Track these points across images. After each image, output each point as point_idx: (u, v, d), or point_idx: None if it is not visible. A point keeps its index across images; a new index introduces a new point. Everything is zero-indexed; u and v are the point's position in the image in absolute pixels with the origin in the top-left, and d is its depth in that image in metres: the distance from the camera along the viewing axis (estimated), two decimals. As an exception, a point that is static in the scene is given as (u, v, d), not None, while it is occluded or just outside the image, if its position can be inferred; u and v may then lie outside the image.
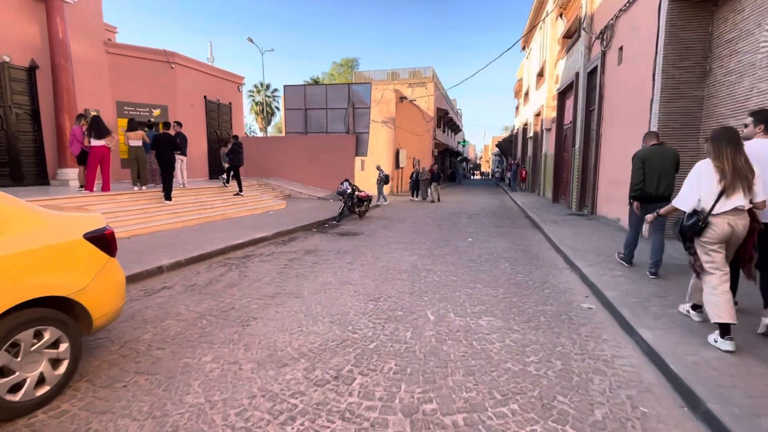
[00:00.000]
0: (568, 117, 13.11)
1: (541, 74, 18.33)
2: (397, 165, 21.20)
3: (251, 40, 26.67)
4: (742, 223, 2.98)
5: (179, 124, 9.84)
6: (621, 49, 8.52)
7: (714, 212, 2.98)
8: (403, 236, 8.35)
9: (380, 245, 7.36)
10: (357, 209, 11.05)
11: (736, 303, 3.28)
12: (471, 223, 10.34)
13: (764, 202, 2.98)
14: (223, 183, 11.77)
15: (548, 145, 16.74)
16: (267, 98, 47.54)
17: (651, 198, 4.71)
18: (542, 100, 17.39)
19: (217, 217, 9.45)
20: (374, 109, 20.13)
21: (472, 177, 69.92)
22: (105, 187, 8.52)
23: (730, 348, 2.87)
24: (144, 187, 9.44)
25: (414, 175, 17.90)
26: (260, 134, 46.68)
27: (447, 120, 38.39)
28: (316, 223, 9.81)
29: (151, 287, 4.78)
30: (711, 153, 3.07)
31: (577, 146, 11.48)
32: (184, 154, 10.32)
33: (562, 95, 13.92)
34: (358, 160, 17.97)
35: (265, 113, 46.21)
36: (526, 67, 24.64)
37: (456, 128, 46.42)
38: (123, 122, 12.73)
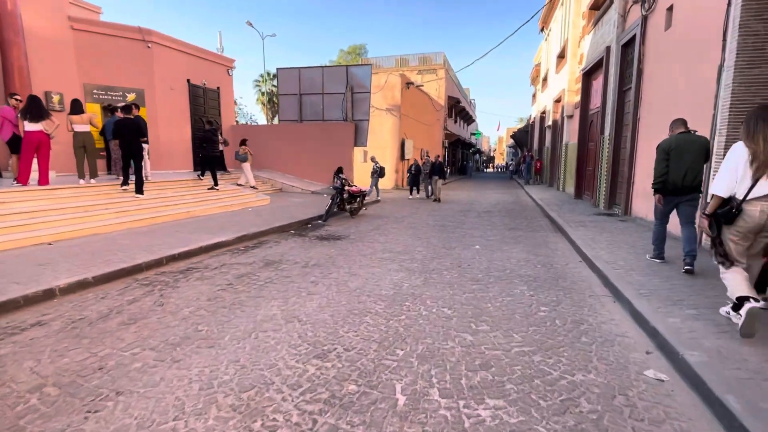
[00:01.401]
0: (595, 101, 11.36)
1: (562, 56, 16.47)
2: (402, 156, 19.64)
3: (250, 24, 25.25)
4: None
5: (136, 106, 8.46)
6: (670, 9, 6.80)
7: (747, 198, 2.81)
8: (395, 241, 6.84)
9: (363, 254, 5.88)
10: (348, 206, 9.57)
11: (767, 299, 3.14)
12: (480, 224, 8.77)
13: None
14: (198, 176, 10.39)
15: (570, 134, 14.96)
16: (274, 87, 46.18)
17: (677, 190, 4.46)
18: (563, 84, 15.58)
19: (180, 215, 8.07)
20: (377, 95, 18.59)
21: (485, 170, 67.74)
22: (42, 180, 7.19)
23: (738, 321, 2.82)
24: (93, 180, 8.10)
25: (412, 168, 15.09)
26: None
27: (459, 109, 36.52)
28: (297, 223, 8.37)
29: (18, 322, 3.39)
30: (743, 133, 2.90)
31: (606, 134, 9.77)
32: (147, 142, 8.95)
33: (588, 76, 12.14)
34: (359, 151, 16.48)
35: (273, 103, 44.89)
36: (545, 50, 22.69)
37: (469, 119, 44.46)
38: (93, 107, 11.46)
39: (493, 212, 10.90)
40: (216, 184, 10.11)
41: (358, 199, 9.98)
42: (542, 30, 22.96)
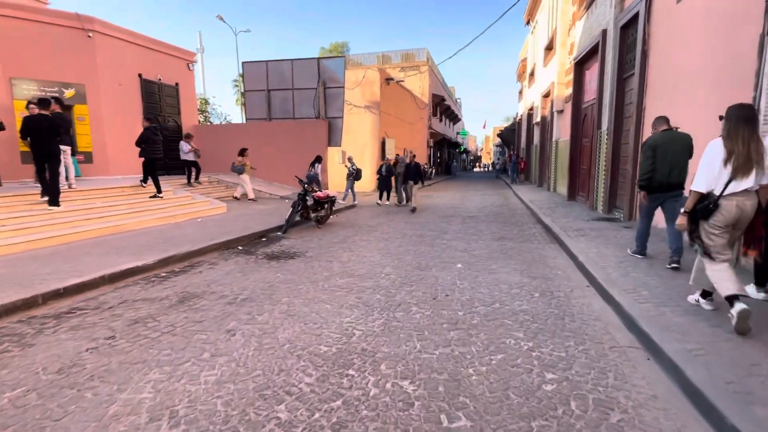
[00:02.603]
0: (589, 92, 10.30)
1: (550, 47, 15.46)
2: (383, 156, 18.40)
3: (221, 18, 23.80)
4: (750, 204, 2.90)
5: (57, 100, 7.09)
6: (683, -24, 5.71)
7: (724, 194, 2.89)
8: (360, 259, 5.61)
9: (315, 281, 4.63)
10: (314, 215, 8.30)
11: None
12: (464, 233, 7.59)
13: None
14: (140, 182, 9.02)
15: (560, 131, 13.92)
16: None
17: (663, 187, 4.49)
18: (552, 77, 14.53)
19: (105, 231, 6.72)
20: (355, 91, 17.38)
21: (472, 169, 66.90)
22: None
23: (710, 307, 3.18)
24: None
25: (382, 169, 12.61)
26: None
27: (444, 108, 35.49)
28: (249, 236, 7.09)
29: None
30: (724, 132, 2.95)
31: (604, 128, 8.69)
32: (68, 143, 7.58)
33: (580, 66, 11.08)
34: (335, 151, 15.23)
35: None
36: (531, 44, 21.71)
37: (455, 118, 43.51)
38: (21, 104, 9.99)
39: (479, 217, 9.74)
40: (159, 191, 8.75)
41: (326, 205, 8.72)
42: (528, 23, 21.98)
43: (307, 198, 8.11)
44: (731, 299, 2.81)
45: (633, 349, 2.91)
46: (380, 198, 12.99)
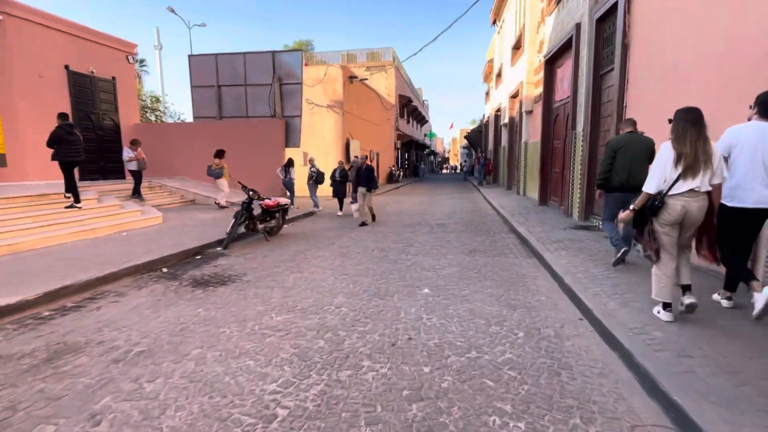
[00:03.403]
0: (562, 90, 9.75)
1: (517, 46, 14.99)
2: (348, 159, 17.43)
3: (172, 11, 22.11)
4: (696, 205, 2.95)
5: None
6: (671, -42, 5.10)
7: (670, 193, 2.97)
8: (308, 284, 4.64)
9: (243, 320, 3.63)
10: (262, 226, 7.24)
11: (730, 299, 3.38)
12: (432, 245, 6.76)
13: (720, 185, 3.02)
14: (64, 193, 7.61)
15: (530, 132, 13.42)
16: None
17: (623, 188, 4.54)
18: (520, 77, 14.04)
19: (-9, 251, 5.43)
20: (316, 89, 16.36)
21: (440, 171, 66.88)
22: None
23: (669, 319, 3.12)
24: None
25: (336, 174, 10.85)
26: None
27: (411, 109, 34.90)
28: (179, 255, 5.97)
29: None
30: (672, 134, 3.03)
31: (579, 128, 8.10)
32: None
33: (551, 63, 10.55)
34: (296, 153, 14.11)
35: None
36: (498, 44, 21.36)
37: (422, 119, 43.06)
38: None
39: (447, 225, 8.96)
40: (77, 200, 7.42)
41: (277, 215, 7.68)
42: (494, 22, 21.64)
43: (253, 207, 7.05)
44: (665, 305, 3.12)
45: (662, 430, 2.11)
46: (340, 209, 11.01)
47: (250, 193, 7.04)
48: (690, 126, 2.93)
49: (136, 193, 10.20)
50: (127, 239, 6.76)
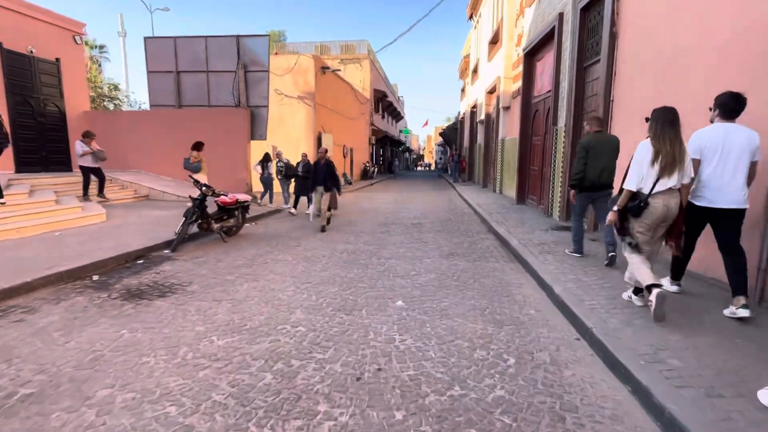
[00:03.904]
0: (543, 85, 9.37)
1: (495, 41, 14.61)
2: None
3: (132, -8, 20.55)
4: (674, 202, 3.06)
5: None
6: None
7: (652, 193, 3.05)
8: (264, 294, 3.99)
9: (173, 345, 2.96)
10: (218, 225, 6.49)
11: (680, 285, 3.63)
12: (407, 247, 6.20)
13: (688, 185, 3.13)
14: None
15: (507, 128, 13.08)
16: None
17: (594, 187, 4.69)
18: (498, 72, 13.67)
19: None
20: (286, 79, 15.55)
21: (415, 168, 66.60)
22: None
23: (640, 303, 3.34)
24: None
25: (299, 168, 9.82)
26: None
27: (386, 104, 34.30)
28: (120, 258, 5.18)
29: None
30: (651, 132, 3.08)
31: (561, 124, 7.72)
32: None
33: (531, 57, 10.17)
34: (262, 145, 13.26)
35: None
36: (474, 39, 21.02)
37: (397, 115, 42.54)
38: None
39: (423, 225, 8.43)
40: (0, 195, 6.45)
41: (237, 212, 6.94)
42: (471, 17, 21.28)
43: (207, 204, 6.29)
44: (650, 287, 3.00)
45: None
46: (294, 205, 9.88)
47: (203, 188, 6.28)
48: (668, 125, 3.00)
49: (100, 194, 9.24)
50: (59, 240, 5.89)
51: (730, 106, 3.06)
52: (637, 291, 3.41)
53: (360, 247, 6.29)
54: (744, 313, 2.93)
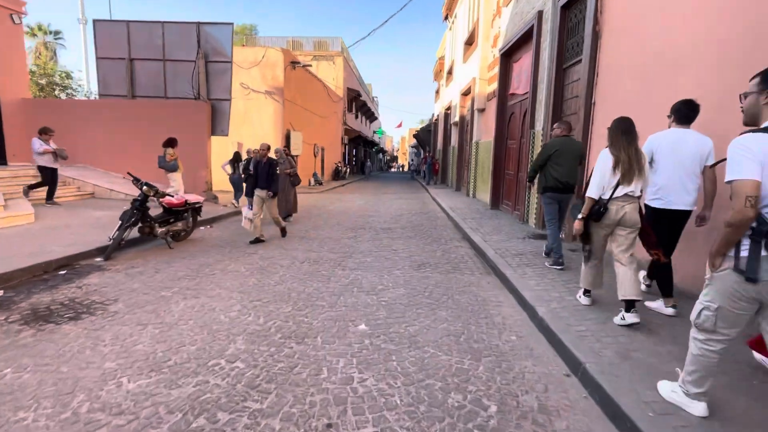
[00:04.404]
0: (519, 86, 9.05)
1: (470, 42, 14.32)
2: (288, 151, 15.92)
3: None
4: (631, 207, 3.11)
5: None
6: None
7: (612, 198, 3.13)
8: (201, 315, 3.36)
9: (61, 394, 2.30)
10: (162, 230, 5.76)
11: (675, 307, 3.33)
12: (375, 256, 5.67)
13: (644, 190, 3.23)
14: None
15: (482, 131, 12.77)
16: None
17: (558, 189, 4.80)
18: (473, 73, 13.36)
19: None
20: (253, 72, 14.77)
21: (388, 170, 66.22)
22: None
23: (587, 303, 3.53)
24: None
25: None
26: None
27: (360, 104, 33.73)
28: (35, 268, 4.41)
29: None
30: (608, 141, 3.20)
31: (539, 127, 7.39)
32: None
33: (507, 57, 9.86)
34: (224, 143, 12.44)
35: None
36: (449, 40, 20.76)
37: (371, 116, 42.04)
38: None
39: (394, 230, 7.92)
40: None
41: (186, 215, 6.22)
42: (446, 18, 21.02)
43: (149, 206, 5.56)
44: (585, 291, 3.49)
45: None
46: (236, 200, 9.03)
47: (144, 188, 5.54)
48: (621, 134, 3.11)
49: (49, 200, 8.28)
50: (-33, 245, 5.02)
51: (684, 112, 3.21)
52: (586, 293, 3.58)
53: (324, 255, 5.72)
54: (633, 318, 3.04)
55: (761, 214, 1.72)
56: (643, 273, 3.70)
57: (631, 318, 3.03)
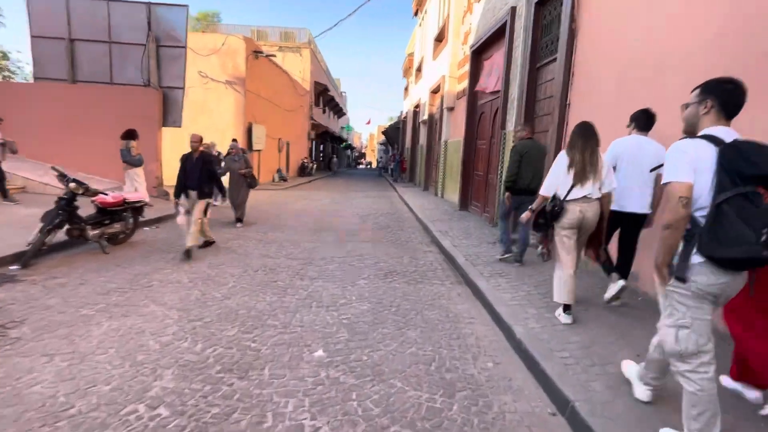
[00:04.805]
0: (490, 85, 8.80)
1: (440, 38, 14.04)
2: (250, 146, 15.14)
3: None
4: (591, 211, 3.17)
5: None
6: None
7: (567, 199, 3.18)
8: (124, 343, 2.80)
9: None
10: (99, 231, 5.06)
11: (618, 298, 3.54)
12: (338, 263, 5.22)
13: (610, 193, 3.24)
14: None
15: (451, 130, 12.53)
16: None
17: (523, 191, 4.75)
18: (443, 70, 13.08)
19: None
20: (212, 60, 13.91)
21: (356, 166, 65.54)
22: None
23: (568, 321, 3.23)
24: None
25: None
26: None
27: (328, 99, 32.91)
28: None
29: None
30: (568, 144, 3.28)
31: (510, 128, 7.15)
32: None
33: (478, 55, 9.61)
34: (178, 133, 11.53)
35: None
36: (419, 37, 20.45)
37: (339, 111, 41.23)
38: None
39: (360, 233, 7.49)
40: None
41: (125, 215, 5.52)
42: (416, 14, 20.69)
43: (78, 205, 4.85)
44: (566, 307, 3.27)
45: None
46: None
47: (71, 185, 4.81)
48: (579, 137, 3.19)
49: (4, 193, 7.28)
50: None
51: (642, 120, 3.44)
52: (566, 308, 3.37)
53: (282, 262, 5.21)
54: (567, 319, 3.23)
55: (694, 217, 1.75)
56: (615, 275, 3.58)
57: (565, 319, 3.24)
